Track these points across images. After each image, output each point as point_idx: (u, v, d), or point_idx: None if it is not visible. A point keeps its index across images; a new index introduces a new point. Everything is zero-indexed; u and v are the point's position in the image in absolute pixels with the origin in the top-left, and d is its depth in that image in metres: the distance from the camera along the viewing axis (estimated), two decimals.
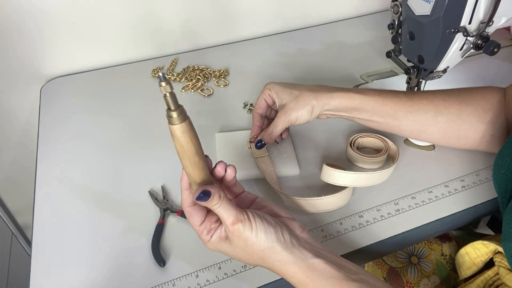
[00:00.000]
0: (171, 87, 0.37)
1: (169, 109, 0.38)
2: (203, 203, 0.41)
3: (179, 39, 0.92)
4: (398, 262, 0.68)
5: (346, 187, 0.56)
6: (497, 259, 0.54)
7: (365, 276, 0.42)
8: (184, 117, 0.38)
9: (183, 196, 0.44)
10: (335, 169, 0.56)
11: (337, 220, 0.56)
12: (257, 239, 0.42)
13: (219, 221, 0.45)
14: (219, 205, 0.41)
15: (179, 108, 0.38)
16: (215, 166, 0.45)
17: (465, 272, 0.58)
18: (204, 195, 0.41)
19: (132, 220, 0.58)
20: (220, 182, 0.47)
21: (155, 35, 0.90)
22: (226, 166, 0.46)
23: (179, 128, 0.38)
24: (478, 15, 0.55)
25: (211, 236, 0.44)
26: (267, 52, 0.92)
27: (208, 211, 0.45)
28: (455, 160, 0.64)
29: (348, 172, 0.56)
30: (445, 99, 0.57)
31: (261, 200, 0.48)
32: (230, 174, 0.46)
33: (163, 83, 0.36)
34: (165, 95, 0.37)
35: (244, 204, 0.48)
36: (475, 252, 0.57)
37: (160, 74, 0.37)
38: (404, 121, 0.58)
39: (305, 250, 0.43)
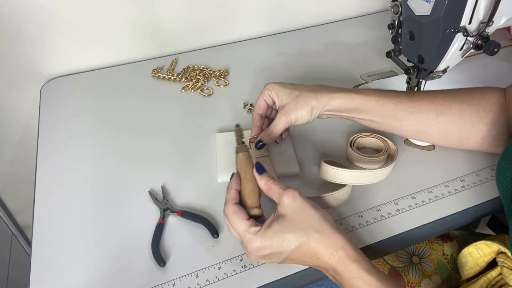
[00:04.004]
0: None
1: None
2: (260, 177, 0.50)
3: (179, 39, 0.92)
4: (399, 262, 0.68)
5: (345, 184, 0.56)
6: (500, 259, 0.54)
7: None
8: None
9: (230, 195, 0.49)
10: (332, 167, 0.56)
11: (337, 220, 0.56)
12: (312, 204, 0.47)
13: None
14: (271, 180, 0.49)
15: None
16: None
17: (467, 272, 0.58)
18: (260, 168, 0.50)
19: (132, 220, 0.58)
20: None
21: (155, 35, 0.90)
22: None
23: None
24: (478, 15, 0.55)
25: (261, 226, 0.46)
26: (267, 52, 0.92)
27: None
28: (455, 160, 0.64)
29: (345, 170, 0.56)
30: (446, 99, 0.57)
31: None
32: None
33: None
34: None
35: None
36: (478, 252, 0.57)
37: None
38: (404, 121, 0.58)
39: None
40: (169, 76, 0.84)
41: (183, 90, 0.81)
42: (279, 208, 0.47)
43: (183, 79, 0.84)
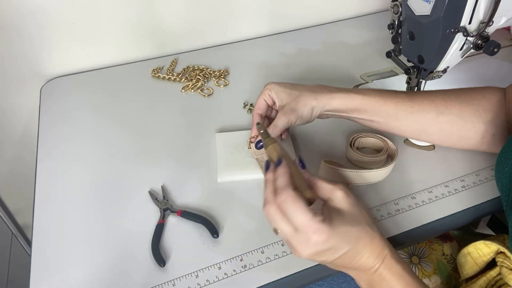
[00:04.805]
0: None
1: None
2: (304, 171, 0.47)
3: (179, 39, 0.92)
4: None
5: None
6: (499, 259, 0.54)
7: None
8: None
9: (286, 180, 0.43)
10: (332, 167, 0.56)
11: None
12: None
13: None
14: (313, 176, 0.46)
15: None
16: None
17: (467, 272, 0.58)
18: (303, 163, 0.48)
19: (132, 220, 0.58)
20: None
21: (155, 35, 0.90)
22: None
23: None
24: (478, 15, 0.55)
25: (323, 216, 0.41)
26: (267, 52, 0.92)
27: None
28: (455, 160, 0.64)
29: (345, 169, 0.56)
30: (446, 99, 0.57)
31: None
32: None
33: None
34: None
35: None
36: (477, 252, 0.57)
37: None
38: (405, 121, 0.58)
39: None
40: (169, 76, 0.84)
41: (183, 90, 0.81)
42: (333, 203, 0.44)
43: (183, 79, 0.84)
